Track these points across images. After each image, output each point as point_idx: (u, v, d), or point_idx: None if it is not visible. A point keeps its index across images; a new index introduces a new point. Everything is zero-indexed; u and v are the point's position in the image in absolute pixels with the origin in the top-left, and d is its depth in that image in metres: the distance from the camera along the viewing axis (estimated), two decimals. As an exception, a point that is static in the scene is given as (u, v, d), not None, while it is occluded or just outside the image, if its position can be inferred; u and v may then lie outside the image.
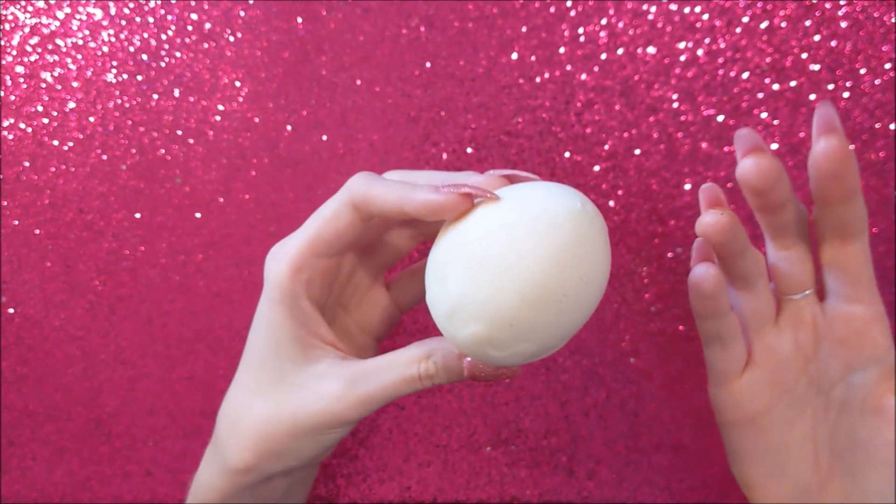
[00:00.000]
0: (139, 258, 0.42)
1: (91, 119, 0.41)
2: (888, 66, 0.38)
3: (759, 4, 0.38)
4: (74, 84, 0.41)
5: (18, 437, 0.44)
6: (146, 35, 0.40)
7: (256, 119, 0.41)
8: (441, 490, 0.44)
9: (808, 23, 0.38)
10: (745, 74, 0.39)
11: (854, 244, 0.27)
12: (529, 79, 0.40)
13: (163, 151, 0.41)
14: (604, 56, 0.39)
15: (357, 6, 0.40)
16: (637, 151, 0.40)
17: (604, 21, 0.39)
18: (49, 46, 0.40)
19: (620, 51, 0.39)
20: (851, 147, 0.25)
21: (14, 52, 0.40)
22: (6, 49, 0.40)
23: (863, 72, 0.38)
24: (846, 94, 0.38)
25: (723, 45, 0.38)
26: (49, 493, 0.45)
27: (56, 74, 0.40)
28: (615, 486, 0.43)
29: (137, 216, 0.42)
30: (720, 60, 0.39)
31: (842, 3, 0.38)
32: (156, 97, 0.41)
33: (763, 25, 0.38)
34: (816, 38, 0.38)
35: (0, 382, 0.44)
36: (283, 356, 0.28)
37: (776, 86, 0.39)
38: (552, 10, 0.39)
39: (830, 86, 0.38)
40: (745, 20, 0.38)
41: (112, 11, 0.40)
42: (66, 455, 0.44)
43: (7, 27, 0.40)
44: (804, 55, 0.38)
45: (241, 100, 0.41)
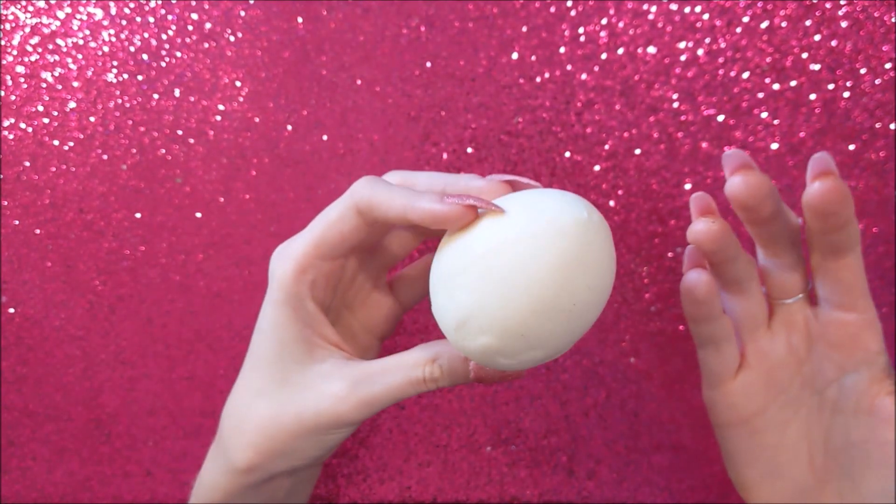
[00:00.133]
0: (139, 258, 0.42)
1: (91, 119, 0.41)
2: (888, 66, 0.38)
3: (760, 4, 0.38)
4: (75, 84, 0.41)
5: (18, 437, 0.44)
6: (146, 35, 0.40)
7: (256, 119, 0.41)
8: (441, 490, 0.44)
9: (808, 23, 0.38)
10: (745, 74, 0.39)
11: (847, 258, 0.27)
12: (529, 79, 0.40)
13: (163, 151, 0.41)
14: (604, 56, 0.39)
15: (357, 6, 0.40)
16: (637, 151, 0.40)
17: (604, 21, 0.39)
18: (49, 46, 0.40)
19: (620, 51, 0.39)
20: (846, 188, 0.25)
21: (14, 52, 0.40)
22: (6, 49, 0.40)
23: (863, 72, 0.38)
24: (846, 94, 0.38)
25: (723, 45, 0.38)
26: (49, 493, 0.45)
27: (56, 74, 0.40)
28: (615, 486, 0.43)
29: (137, 216, 0.42)
30: (720, 60, 0.39)
31: (842, 3, 0.38)
32: (156, 97, 0.41)
33: (763, 25, 0.38)
34: (816, 38, 0.38)
35: (0, 382, 0.44)
36: (288, 356, 0.28)
37: (776, 86, 0.39)
38: (552, 10, 0.39)
39: (830, 86, 0.38)
40: (746, 20, 0.38)
41: (112, 11, 0.40)
42: (66, 455, 0.44)
43: (7, 27, 0.40)
44: (804, 55, 0.38)
45: (242, 100, 0.41)
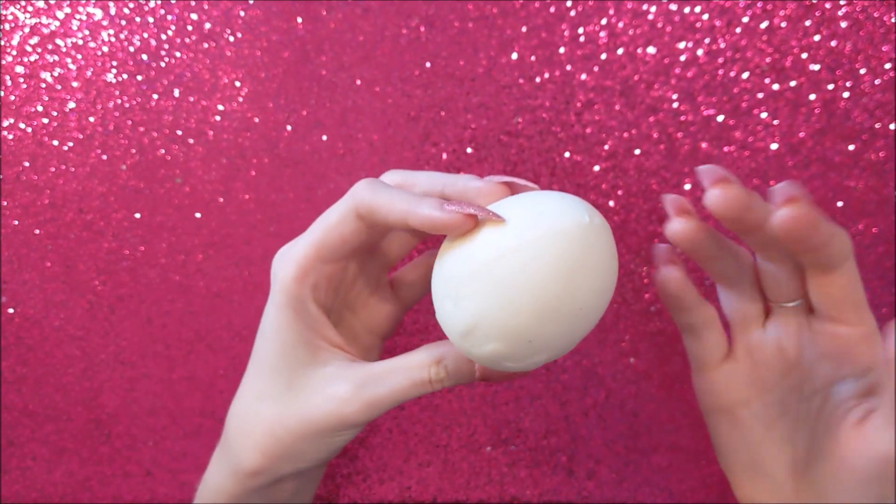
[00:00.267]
0: (139, 258, 0.42)
1: (91, 119, 0.41)
2: (888, 66, 0.38)
3: (759, 4, 0.38)
4: (74, 84, 0.41)
5: (18, 437, 0.44)
6: (146, 35, 0.40)
7: (256, 119, 0.41)
8: (441, 490, 0.44)
9: (808, 23, 0.38)
10: (745, 74, 0.39)
11: (835, 273, 0.26)
12: (529, 79, 0.40)
13: (163, 151, 0.41)
14: (604, 56, 0.39)
15: (357, 6, 0.40)
16: (637, 151, 0.40)
17: (604, 21, 0.39)
18: (49, 46, 0.40)
19: (620, 51, 0.39)
20: (815, 213, 0.24)
21: (14, 52, 0.40)
22: (6, 49, 0.40)
23: (863, 72, 0.38)
24: (846, 94, 0.38)
25: (723, 45, 0.38)
26: (49, 493, 0.45)
27: (56, 74, 0.40)
28: (615, 486, 0.43)
29: (137, 216, 0.42)
30: (720, 60, 0.39)
31: (842, 3, 0.38)
32: (156, 97, 0.41)
33: (763, 25, 0.38)
34: (816, 38, 0.38)
35: (0, 382, 0.44)
36: (291, 359, 0.29)
37: (776, 86, 0.39)
38: (552, 10, 0.39)
39: (830, 86, 0.38)
40: (745, 20, 0.38)
41: (112, 11, 0.40)
42: (66, 455, 0.44)
43: (7, 27, 0.40)
44: (804, 55, 0.38)
45: (241, 100, 0.41)
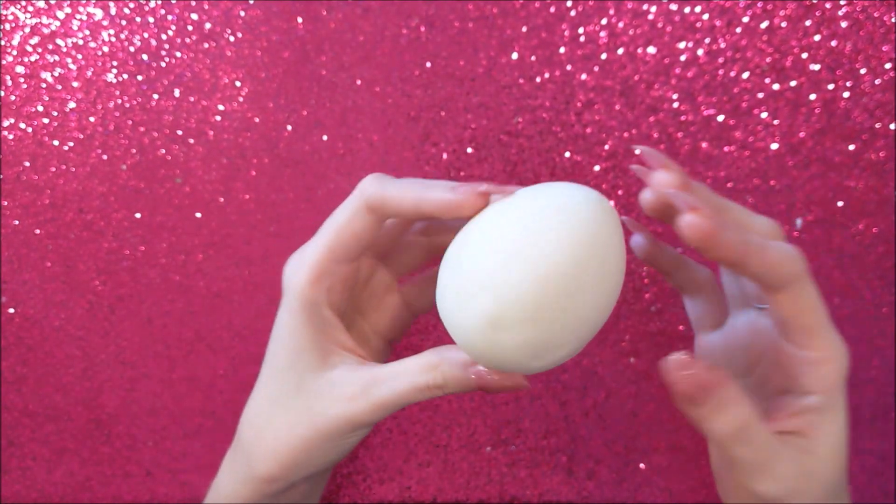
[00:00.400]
0: (139, 258, 0.42)
1: (91, 119, 0.41)
2: (888, 66, 0.38)
3: (759, 4, 0.38)
4: (74, 84, 0.41)
5: (18, 437, 0.44)
6: (146, 35, 0.40)
7: (256, 119, 0.41)
8: (441, 490, 0.44)
9: (808, 23, 0.38)
10: (745, 74, 0.39)
11: (782, 294, 0.25)
12: (529, 79, 0.40)
13: (163, 151, 0.41)
14: (604, 56, 0.39)
15: (357, 6, 0.40)
16: (637, 151, 0.40)
17: (604, 21, 0.39)
18: (49, 46, 0.40)
19: (620, 51, 0.39)
20: (714, 226, 0.24)
21: (14, 52, 0.40)
22: (6, 49, 0.40)
23: (863, 72, 0.38)
24: (846, 94, 0.38)
25: (723, 45, 0.38)
26: (49, 493, 0.45)
27: (56, 74, 0.40)
28: (615, 486, 0.43)
29: (137, 216, 0.42)
30: (720, 60, 0.39)
31: (842, 3, 0.38)
32: (156, 97, 0.41)
33: (763, 25, 0.38)
34: (816, 38, 0.38)
35: (0, 382, 0.44)
36: (303, 364, 0.28)
37: (776, 86, 0.39)
38: (552, 10, 0.39)
39: (830, 86, 0.38)
40: (745, 20, 0.38)
41: (112, 11, 0.40)
42: (66, 455, 0.44)
43: (7, 27, 0.40)
44: (804, 55, 0.38)
45: (241, 100, 0.41)
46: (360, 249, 0.29)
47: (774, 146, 0.39)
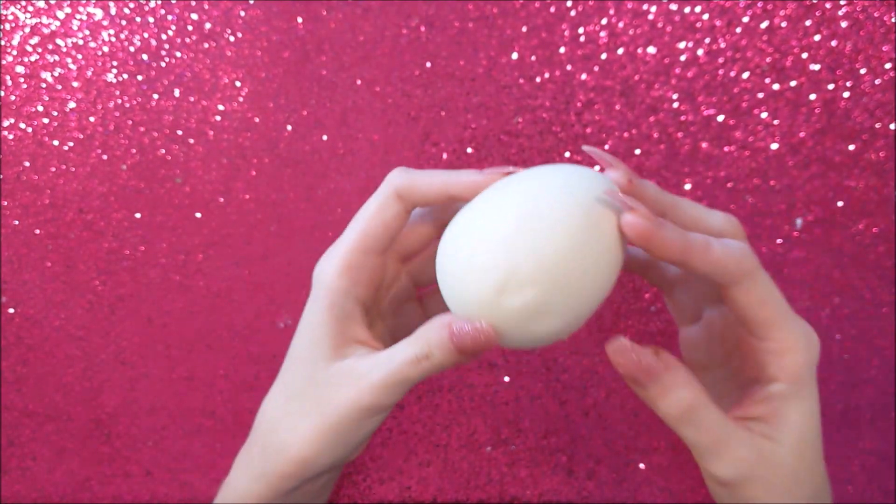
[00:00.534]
0: (139, 258, 0.42)
1: (91, 119, 0.41)
2: (888, 66, 0.38)
3: (759, 4, 0.38)
4: (74, 84, 0.41)
5: (18, 437, 0.44)
6: (146, 35, 0.40)
7: (256, 119, 0.41)
8: (441, 490, 0.44)
9: (808, 23, 0.38)
10: (745, 74, 0.39)
11: (732, 290, 0.26)
12: (529, 79, 0.40)
13: (163, 151, 0.41)
14: (604, 56, 0.39)
15: (357, 6, 0.40)
16: (637, 151, 0.40)
17: (604, 21, 0.39)
18: (49, 46, 0.40)
19: (620, 51, 0.39)
20: (660, 223, 0.24)
21: (14, 52, 0.40)
22: (6, 49, 0.40)
23: (863, 72, 0.38)
24: (846, 94, 0.38)
25: (723, 45, 0.38)
26: (49, 493, 0.45)
27: (56, 74, 0.40)
28: (615, 486, 0.43)
29: (137, 216, 0.42)
30: (720, 60, 0.39)
31: (842, 3, 0.38)
32: (156, 97, 0.41)
33: (763, 25, 0.38)
34: (816, 38, 0.38)
35: (0, 382, 0.44)
36: (317, 355, 0.29)
37: (776, 86, 0.39)
38: (552, 10, 0.39)
39: (830, 86, 0.38)
40: (745, 20, 0.38)
41: (112, 11, 0.40)
42: (66, 455, 0.44)
43: (7, 27, 0.40)
44: (804, 55, 0.38)
45: (241, 100, 0.41)
46: (389, 240, 0.30)
47: (774, 146, 0.39)
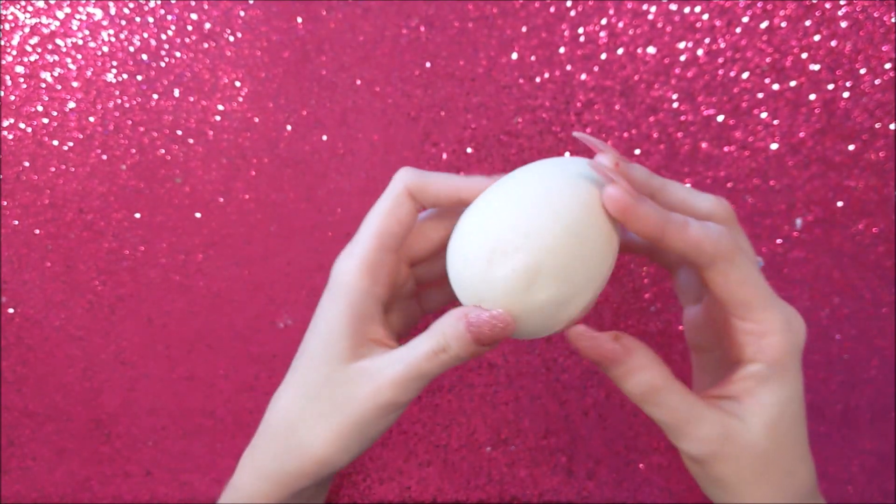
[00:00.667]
0: (139, 258, 0.42)
1: (91, 119, 0.41)
2: (888, 66, 0.38)
3: (759, 4, 0.38)
4: (74, 84, 0.41)
5: (18, 437, 0.44)
6: (146, 35, 0.40)
7: (256, 119, 0.41)
8: (441, 490, 0.44)
9: (808, 23, 0.38)
10: (745, 74, 0.39)
11: (708, 272, 0.26)
12: (529, 79, 0.40)
13: (163, 151, 0.41)
14: (604, 56, 0.39)
15: (357, 6, 0.40)
16: (637, 151, 0.40)
17: (604, 21, 0.39)
18: (49, 46, 0.40)
19: (620, 51, 0.39)
20: (640, 201, 0.25)
21: (14, 52, 0.40)
22: (6, 49, 0.40)
23: (863, 72, 0.38)
24: (846, 94, 0.38)
25: (723, 45, 0.38)
26: (49, 493, 0.45)
27: (56, 74, 0.40)
28: (615, 486, 0.43)
29: (137, 216, 0.42)
30: (720, 60, 0.39)
31: (842, 3, 0.38)
32: (156, 97, 0.41)
33: (763, 25, 0.38)
34: (816, 38, 0.38)
35: (0, 382, 0.44)
36: (335, 356, 0.29)
37: (776, 86, 0.39)
38: (552, 10, 0.39)
39: (830, 86, 0.38)
40: (745, 20, 0.38)
41: (112, 11, 0.40)
42: (66, 455, 0.44)
43: (7, 27, 0.40)
44: (804, 55, 0.38)
45: (241, 100, 0.41)
46: (403, 237, 0.30)
47: (774, 146, 0.39)
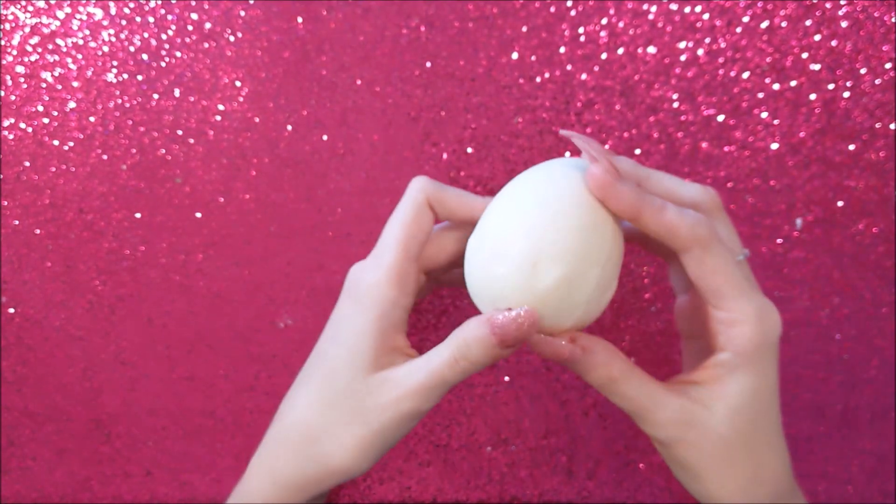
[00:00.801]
0: (139, 258, 0.42)
1: (91, 119, 0.41)
2: (888, 66, 0.38)
3: (760, 4, 0.38)
4: (74, 84, 0.41)
5: (18, 437, 0.44)
6: (146, 35, 0.40)
7: (256, 119, 0.41)
8: (441, 490, 0.44)
9: (808, 23, 0.38)
10: (745, 74, 0.39)
11: (684, 256, 0.27)
12: (529, 79, 0.40)
13: (163, 151, 0.41)
14: (604, 56, 0.39)
15: (357, 6, 0.40)
16: (637, 151, 0.40)
17: (604, 21, 0.39)
18: (49, 46, 0.40)
19: (620, 51, 0.39)
20: (622, 182, 0.26)
21: (14, 52, 0.40)
22: (6, 49, 0.40)
23: (863, 72, 0.38)
24: (846, 94, 0.38)
25: (723, 45, 0.38)
26: (49, 493, 0.45)
27: (56, 74, 0.40)
28: (615, 486, 0.43)
29: (137, 216, 0.42)
30: (720, 60, 0.39)
31: (842, 3, 0.38)
32: (156, 97, 0.41)
33: (763, 25, 0.38)
34: (816, 38, 0.38)
35: (0, 382, 0.44)
36: (359, 366, 0.29)
37: (776, 86, 0.39)
38: (552, 10, 0.39)
39: (830, 86, 0.38)
40: (746, 20, 0.38)
41: (112, 11, 0.40)
42: (66, 455, 0.44)
43: (7, 27, 0.40)
44: (804, 55, 0.38)
45: (241, 100, 0.41)
46: (424, 246, 0.31)
47: (774, 146, 0.39)
